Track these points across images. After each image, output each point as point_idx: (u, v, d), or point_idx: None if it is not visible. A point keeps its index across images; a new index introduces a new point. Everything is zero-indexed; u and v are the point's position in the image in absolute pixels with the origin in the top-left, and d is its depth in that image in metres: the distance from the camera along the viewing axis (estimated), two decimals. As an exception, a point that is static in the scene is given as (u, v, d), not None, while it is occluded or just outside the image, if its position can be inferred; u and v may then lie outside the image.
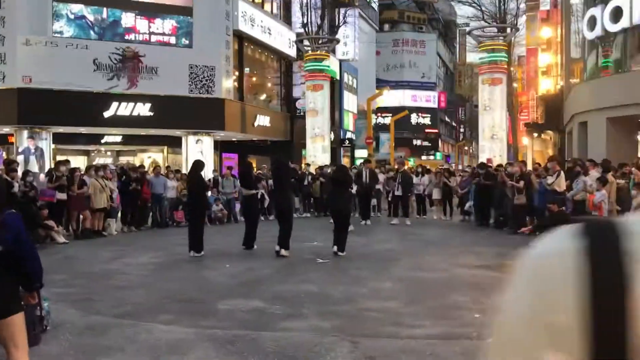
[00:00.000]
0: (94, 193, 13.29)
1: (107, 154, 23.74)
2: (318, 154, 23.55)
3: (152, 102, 19.79)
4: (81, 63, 18.89)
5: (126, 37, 20.06)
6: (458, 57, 70.80)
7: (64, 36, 19.23)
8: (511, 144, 26.14)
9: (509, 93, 26.11)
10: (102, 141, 22.22)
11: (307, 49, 25.11)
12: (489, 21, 25.48)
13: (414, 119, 51.36)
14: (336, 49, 29.24)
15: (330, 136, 25.31)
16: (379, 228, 15.23)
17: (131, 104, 19.61)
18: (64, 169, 13.42)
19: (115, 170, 15.26)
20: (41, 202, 12.33)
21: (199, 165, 11.02)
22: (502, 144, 21.25)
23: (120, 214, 14.65)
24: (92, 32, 19.84)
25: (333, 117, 26.90)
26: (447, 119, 61.72)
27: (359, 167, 17.81)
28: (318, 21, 27.22)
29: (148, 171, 16.45)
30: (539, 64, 37.62)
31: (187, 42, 20.78)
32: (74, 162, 15.96)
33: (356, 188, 15.11)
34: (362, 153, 34.25)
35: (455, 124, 67.50)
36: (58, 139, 19.63)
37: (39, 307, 4.07)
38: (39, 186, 12.82)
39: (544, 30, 35.40)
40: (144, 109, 19.81)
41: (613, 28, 17.87)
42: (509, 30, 23.65)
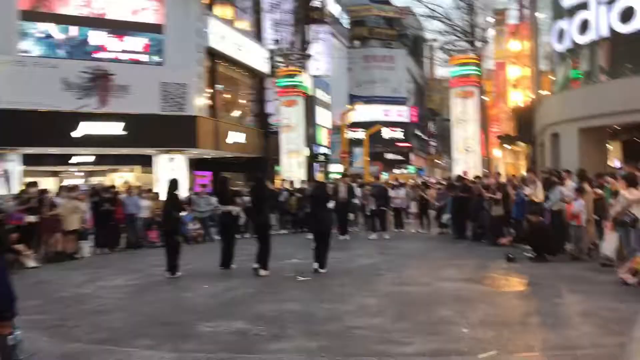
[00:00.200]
0: (66, 215, 12.91)
1: (78, 174, 23.23)
2: (293, 169, 23.41)
3: (124, 121, 19.48)
4: (50, 82, 18.54)
5: (96, 56, 19.77)
6: (427, 71, 71.56)
7: (32, 55, 18.86)
8: (484, 156, 26.30)
9: (480, 106, 26.33)
10: (72, 161, 21.71)
11: (280, 65, 25.05)
12: (459, 35, 25.77)
13: (386, 133, 51.61)
14: (308, 65, 29.24)
15: (305, 151, 25.18)
16: (357, 243, 15.08)
17: (102, 123, 19.28)
18: (33, 190, 13.02)
19: (87, 191, 14.87)
20: (10, 226, 11.90)
21: (174, 184, 10.76)
22: (476, 156, 21.39)
23: (93, 236, 14.25)
24: (60, 51, 19.49)
25: (307, 133, 26.79)
26: (418, 132, 62.18)
27: (335, 182, 17.68)
28: (290, 38, 27.23)
29: (120, 191, 16.08)
30: (508, 77, 38.15)
31: (158, 59, 20.57)
32: (43, 184, 15.55)
33: (334, 203, 14.94)
34: (336, 168, 34.25)
35: (427, 138, 68.05)
36: (27, 160, 19.14)
37: (10, 336, 3.81)
38: (7, 209, 12.39)
39: (512, 43, 35.96)
40: (115, 128, 19.48)
41: (581, 40, 18.17)
42: (479, 44, 23.91)
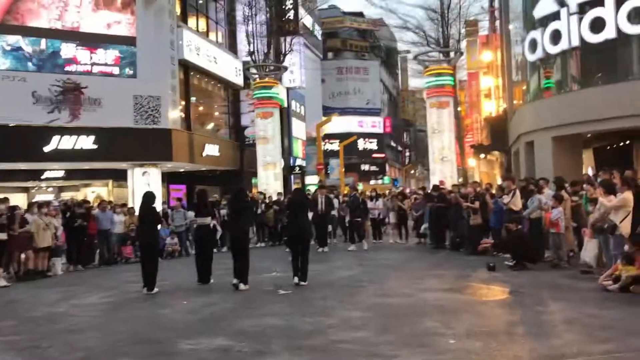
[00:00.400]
0: (37, 231, 12.55)
1: (49, 190, 22.75)
2: (270, 181, 23.21)
3: (96, 135, 19.13)
4: (19, 96, 18.15)
5: (67, 69, 19.39)
6: (401, 82, 72.16)
7: (0, 69, 18.42)
8: (459, 166, 26.50)
9: (455, 116, 26.55)
10: (43, 177, 21.25)
11: (255, 76, 24.94)
12: (433, 46, 25.98)
13: (361, 144, 51.81)
14: (283, 77, 29.18)
15: (281, 163, 25.03)
16: (337, 255, 14.98)
17: (74, 137, 18.91)
18: (2, 207, 12.62)
19: (59, 207, 14.52)
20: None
21: (150, 197, 10.53)
22: (452, 166, 21.47)
23: (66, 252, 13.90)
24: (30, 64, 19.10)
25: (283, 145, 26.69)
26: (392, 143, 62.54)
27: (314, 193, 17.58)
28: (264, 49, 27.17)
29: (94, 206, 15.75)
30: (481, 87, 38.61)
31: (131, 72, 20.28)
32: (13, 200, 15.14)
33: (312, 215, 14.84)
34: (312, 179, 34.17)
35: (401, 148, 68.47)
36: (-5, 176, 18.70)
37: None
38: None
39: (484, 54, 36.42)
40: (87, 142, 19.12)
41: (553, 50, 18.43)
42: (452, 55, 24.11)
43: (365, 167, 52.91)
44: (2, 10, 18.64)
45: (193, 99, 24.30)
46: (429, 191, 17.73)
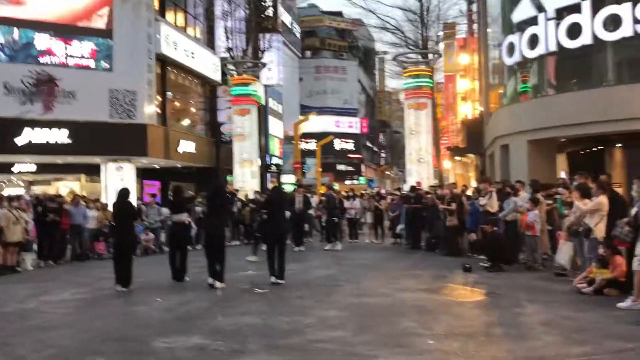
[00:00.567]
0: (7, 225, 12.24)
1: (19, 183, 22.27)
2: (247, 179, 23.06)
3: (70, 128, 18.79)
4: (-10, 87, 17.72)
5: (41, 60, 19.00)
6: (378, 83, 72.39)
7: (-29, 58, 18.00)
8: (435, 167, 26.65)
9: (432, 117, 26.68)
10: (14, 170, 20.78)
11: (233, 73, 24.75)
12: (411, 47, 26.07)
13: (338, 144, 51.81)
14: (261, 75, 29.03)
15: (258, 161, 24.89)
16: (313, 254, 14.94)
17: (46, 130, 18.55)
18: (-28, 200, 12.34)
19: (31, 201, 14.20)
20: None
21: (125, 193, 10.35)
22: (429, 167, 21.59)
23: (37, 247, 13.60)
24: (1, 54, 18.68)
25: (260, 142, 26.53)
26: (369, 144, 62.70)
27: (291, 193, 17.51)
28: (243, 46, 26.97)
29: (66, 201, 15.44)
30: (458, 89, 38.88)
31: (107, 65, 19.95)
32: (-17, 193, 14.79)
33: (289, 214, 14.76)
34: (289, 178, 34.07)
35: (377, 149, 68.70)
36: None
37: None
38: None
39: (461, 57, 36.66)
40: (60, 136, 18.77)
41: (530, 54, 18.60)
42: (431, 56, 24.22)
43: (341, 167, 52.93)
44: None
45: (169, 94, 24.01)
46: (404, 192, 17.78)
